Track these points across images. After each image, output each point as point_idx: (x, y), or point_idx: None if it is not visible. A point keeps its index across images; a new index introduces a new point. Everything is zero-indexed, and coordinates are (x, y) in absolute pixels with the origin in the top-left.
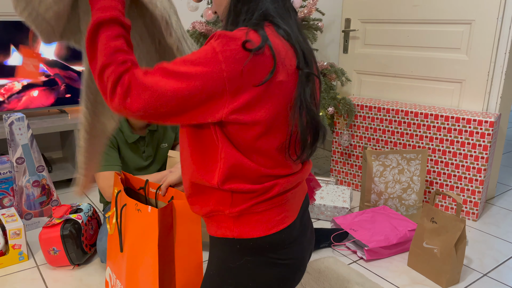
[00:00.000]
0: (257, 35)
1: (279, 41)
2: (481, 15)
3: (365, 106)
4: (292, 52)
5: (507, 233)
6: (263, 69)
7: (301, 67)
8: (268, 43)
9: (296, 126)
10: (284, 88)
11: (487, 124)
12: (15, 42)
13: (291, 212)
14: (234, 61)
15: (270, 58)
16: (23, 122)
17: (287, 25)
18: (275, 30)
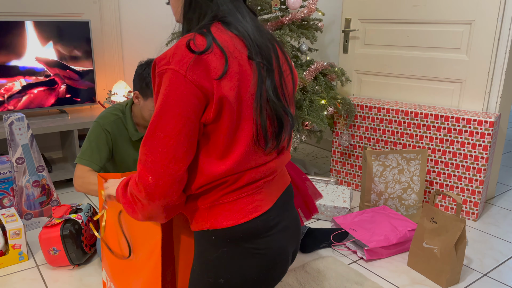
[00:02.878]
0: (203, 38)
1: (226, 37)
2: (481, 15)
3: (365, 106)
4: (242, 44)
5: (507, 233)
6: (218, 65)
7: (253, 58)
8: (214, 41)
9: (258, 115)
10: (240, 76)
11: (487, 124)
12: (15, 42)
13: (264, 202)
14: (193, 67)
15: (220, 54)
16: (23, 122)
17: (238, 22)
18: (224, 27)
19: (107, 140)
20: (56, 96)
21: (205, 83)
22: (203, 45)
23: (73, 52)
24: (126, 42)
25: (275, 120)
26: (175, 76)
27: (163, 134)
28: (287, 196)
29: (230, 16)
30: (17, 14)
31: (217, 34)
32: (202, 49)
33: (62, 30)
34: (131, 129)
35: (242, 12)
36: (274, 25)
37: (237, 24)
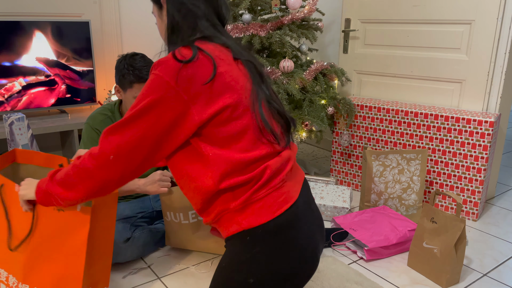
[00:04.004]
0: (188, 48)
1: (211, 46)
2: (481, 15)
3: (365, 106)
4: (225, 49)
5: (507, 233)
6: (206, 69)
7: (239, 57)
8: (200, 49)
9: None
10: (231, 74)
11: (487, 124)
12: (15, 42)
13: (291, 193)
14: (179, 74)
15: (207, 59)
16: (23, 122)
17: (217, 38)
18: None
19: (98, 137)
20: (56, 96)
21: (190, 89)
22: (188, 55)
23: (73, 52)
24: (126, 42)
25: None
26: (158, 80)
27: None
28: (306, 188)
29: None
30: (17, 14)
31: (201, 44)
32: (188, 58)
33: (62, 30)
34: None
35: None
36: (274, 25)
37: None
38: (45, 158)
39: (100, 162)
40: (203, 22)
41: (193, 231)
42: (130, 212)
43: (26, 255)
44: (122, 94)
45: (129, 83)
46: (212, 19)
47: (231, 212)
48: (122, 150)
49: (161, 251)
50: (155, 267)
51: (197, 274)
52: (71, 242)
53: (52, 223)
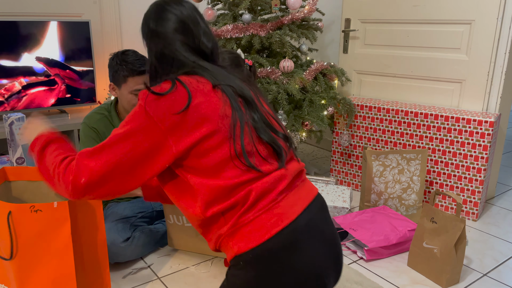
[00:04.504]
0: (168, 82)
1: (190, 78)
2: (481, 15)
3: (365, 106)
4: (203, 79)
5: (507, 233)
6: (182, 101)
7: (217, 83)
8: (178, 80)
9: (237, 135)
10: (208, 105)
11: (487, 124)
12: (15, 42)
13: (286, 215)
14: (156, 105)
15: (183, 91)
16: (23, 122)
17: (196, 70)
18: (186, 75)
19: (98, 136)
20: (56, 96)
21: (166, 119)
22: (167, 88)
23: (73, 52)
24: (126, 42)
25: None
26: (139, 109)
27: (110, 151)
28: (317, 207)
29: (190, 70)
30: (17, 14)
31: (181, 77)
32: (165, 91)
33: (62, 30)
34: (117, 125)
35: (206, 63)
36: (274, 25)
37: (198, 70)
38: (34, 172)
39: (72, 181)
40: (180, 61)
41: (197, 233)
42: (130, 212)
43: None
44: (117, 91)
45: (123, 78)
46: (189, 56)
47: (225, 237)
48: (94, 176)
49: (161, 251)
50: (155, 267)
51: (197, 274)
52: (56, 241)
53: (32, 225)
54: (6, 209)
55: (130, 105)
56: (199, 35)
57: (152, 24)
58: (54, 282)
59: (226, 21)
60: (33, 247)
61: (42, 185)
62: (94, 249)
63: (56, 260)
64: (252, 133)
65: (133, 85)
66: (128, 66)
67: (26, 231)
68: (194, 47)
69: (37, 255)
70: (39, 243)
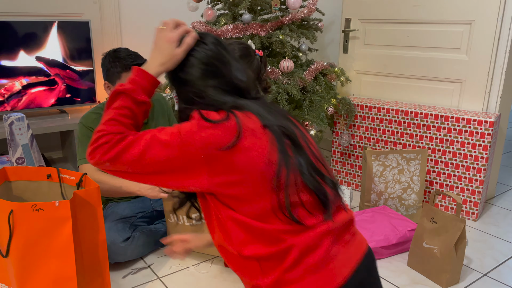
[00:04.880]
0: (222, 111)
1: (241, 113)
2: (481, 15)
3: (365, 106)
4: (254, 116)
5: (507, 233)
6: (230, 135)
7: (266, 124)
8: (232, 112)
9: (282, 184)
10: (256, 148)
11: (487, 124)
12: (15, 42)
13: (335, 278)
14: (203, 132)
15: (234, 125)
16: (23, 122)
17: (242, 101)
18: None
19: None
20: (56, 96)
21: (209, 149)
22: (215, 117)
23: (73, 52)
24: (126, 42)
25: (312, 193)
26: (190, 127)
27: (148, 151)
28: (364, 270)
29: (237, 105)
30: (17, 14)
31: (235, 110)
32: (216, 120)
33: (62, 30)
34: None
35: (249, 100)
36: (274, 25)
37: (242, 102)
38: (34, 172)
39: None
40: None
41: (195, 232)
42: (130, 212)
43: (16, 263)
44: (112, 89)
45: (117, 75)
46: (225, 98)
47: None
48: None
49: (161, 251)
50: (155, 267)
51: (197, 274)
52: (57, 241)
53: (34, 224)
54: (8, 208)
55: None
56: (230, 73)
57: (177, 71)
58: (55, 281)
59: (226, 21)
60: (34, 246)
61: (43, 184)
62: (94, 249)
63: (57, 259)
64: (297, 181)
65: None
66: (121, 61)
67: (28, 230)
68: (227, 88)
69: (38, 254)
70: (40, 242)
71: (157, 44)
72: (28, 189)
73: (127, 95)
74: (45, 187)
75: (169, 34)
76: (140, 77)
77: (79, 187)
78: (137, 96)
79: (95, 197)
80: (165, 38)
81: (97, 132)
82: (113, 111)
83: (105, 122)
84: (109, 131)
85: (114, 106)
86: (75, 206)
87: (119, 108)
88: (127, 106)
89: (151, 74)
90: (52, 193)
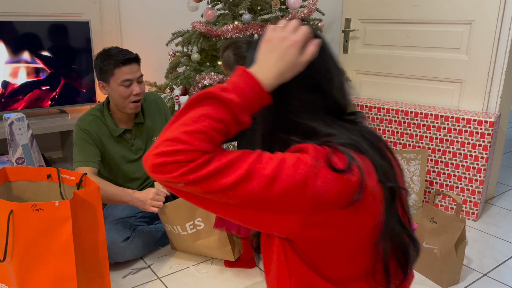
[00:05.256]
0: (342, 154)
1: (358, 157)
2: (481, 15)
3: (365, 106)
4: (369, 163)
5: (507, 233)
6: (349, 193)
7: (383, 180)
8: (355, 162)
9: (381, 251)
10: (369, 209)
11: (487, 124)
12: (15, 42)
13: None
14: (322, 179)
15: (357, 180)
16: (23, 122)
17: (346, 134)
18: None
19: (91, 138)
20: (56, 96)
21: (317, 203)
22: (339, 164)
23: (73, 52)
24: (126, 42)
25: (399, 251)
26: (303, 168)
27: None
28: None
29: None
30: (17, 14)
31: (351, 152)
32: (341, 168)
33: (62, 30)
34: (111, 125)
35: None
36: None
37: (347, 135)
38: (34, 172)
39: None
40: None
41: (194, 240)
42: (130, 212)
43: (16, 263)
44: (107, 88)
45: (110, 72)
46: (321, 119)
47: None
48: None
49: (161, 251)
50: (155, 267)
51: (197, 274)
52: (57, 241)
53: (34, 224)
54: (8, 208)
55: (122, 98)
56: (332, 87)
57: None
58: (55, 281)
59: (226, 21)
60: (34, 246)
61: (43, 184)
62: (94, 249)
63: (57, 259)
64: (392, 247)
65: (121, 76)
66: (113, 58)
67: (28, 230)
68: (324, 105)
69: (38, 254)
70: (40, 242)
71: (276, 46)
72: (28, 189)
73: (229, 108)
74: (45, 187)
75: (292, 37)
76: (252, 91)
77: (79, 187)
78: (241, 115)
79: (95, 197)
80: (289, 41)
81: (177, 143)
82: (206, 121)
83: (190, 131)
84: (196, 148)
85: (208, 114)
86: (75, 206)
87: (216, 120)
88: (225, 120)
89: (266, 88)
90: (52, 193)
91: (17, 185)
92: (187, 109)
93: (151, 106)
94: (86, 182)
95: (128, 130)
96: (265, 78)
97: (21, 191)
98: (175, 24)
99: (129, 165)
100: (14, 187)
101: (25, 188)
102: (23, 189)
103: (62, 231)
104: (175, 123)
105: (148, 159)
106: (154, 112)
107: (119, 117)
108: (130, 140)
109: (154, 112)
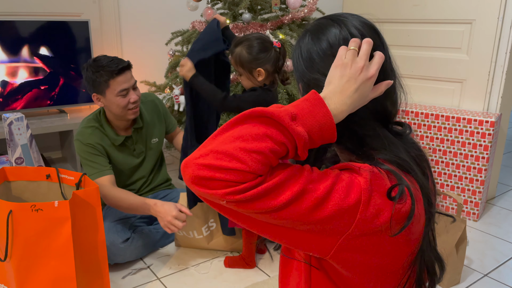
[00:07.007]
0: (394, 178)
1: (408, 181)
2: (481, 15)
3: None
4: (416, 185)
5: (507, 233)
6: (398, 224)
7: (427, 206)
8: (409, 189)
9: (414, 272)
10: (411, 237)
11: (488, 124)
12: (14, 41)
13: None
14: (374, 205)
15: (408, 206)
16: (22, 122)
17: (394, 151)
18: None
19: (95, 150)
20: (55, 96)
21: (364, 229)
22: (395, 191)
23: (73, 51)
24: (126, 41)
25: (426, 271)
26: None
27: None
28: None
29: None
30: (16, 14)
31: (403, 175)
32: (395, 195)
33: (61, 30)
34: (111, 135)
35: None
36: (274, 24)
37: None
38: (34, 172)
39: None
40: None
41: (208, 241)
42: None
43: (15, 263)
44: (102, 100)
45: (105, 83)
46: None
47: None
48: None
49: (161, 251)
50: (155, 267)
51: (197, 275)
52: (56, 241)
53: (33, 225)
54: (7, 208)
55: (121, 109)
56: (386, 95)
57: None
58: (54, 281)
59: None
60: (33, 247)
61: (42, 185)
62: (93, 250)
63: (56, 260)
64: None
65: (117, 87)
66: (105, 69)
67: (27, 230)
68: (372, 110)
69: (37, 255)
70: (39, 243)
71: (354, 76)
72: (27, 189)
73: (293, 141)
74: (44, 187)
75: (370, 69)
76: (322, 131)
77: (79, 188)
78: (302, 152)
79: (95, 197)
80: (367, 73)
81: (231, 159)
82: (267, 142)
83: (248, 150)
84: (251, 169)
85: (270, 135)
86: (74, 207)
87: (277, 143)
88: (287, 146)
89: (334, 124)
90: (51, 193)
91: (16, 185)
92: (244, 121)
93: (148, 108)
94: (86, 182)
95: (129, 137)
96: (340, 112)
97: (20, 191)
98: (174, 24)
99: (132, 169)
100: (13, 187)
101: (24, 188)
102: (22, 189)
103: (61, 231)
104: (227, 132)
105: (190, 166)
106: (152, 114)
107: (118, 125)
108: (132, 146)
109: (152, 114)
